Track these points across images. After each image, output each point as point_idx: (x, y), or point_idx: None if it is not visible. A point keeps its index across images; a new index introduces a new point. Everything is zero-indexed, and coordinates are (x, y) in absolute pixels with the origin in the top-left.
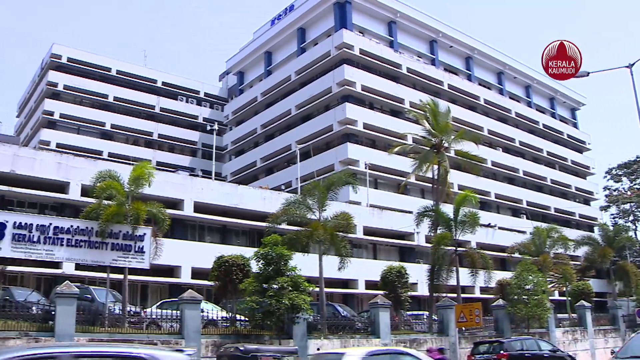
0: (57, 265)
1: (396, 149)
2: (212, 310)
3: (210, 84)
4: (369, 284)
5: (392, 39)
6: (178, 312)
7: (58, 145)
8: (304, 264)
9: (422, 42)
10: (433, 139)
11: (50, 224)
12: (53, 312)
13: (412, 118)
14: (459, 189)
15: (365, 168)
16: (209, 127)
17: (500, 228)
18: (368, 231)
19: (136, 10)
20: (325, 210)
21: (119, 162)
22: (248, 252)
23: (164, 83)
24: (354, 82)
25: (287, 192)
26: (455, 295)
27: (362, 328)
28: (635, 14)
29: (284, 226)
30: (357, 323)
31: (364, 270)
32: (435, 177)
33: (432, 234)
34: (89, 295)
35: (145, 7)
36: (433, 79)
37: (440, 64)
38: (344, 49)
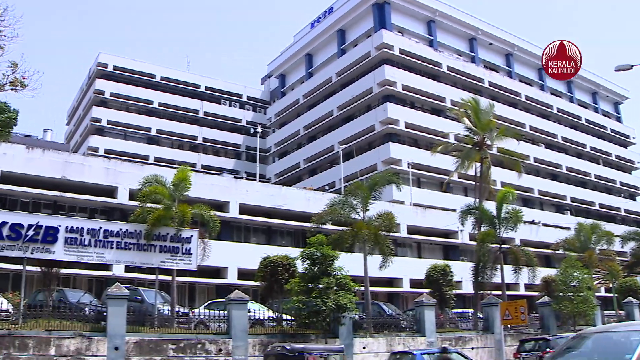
0: (107, 267)
1: (439, 148)
2: (259, 310)
3: (253, 87)
4: (414, 283)
5: (432, 37)
6: (225, 312)
7: (106, 151)
8: (348, 263)
9: (462, 40)
10: (475, 137)
11: (101, 227)
12: (105, 313)
13: (454, 116)
14: (501, 186)
15: (408, 167)
16: (252, 130)
17: (544, 224)
18: (412, 230)
19: (178, 17)
20: (369, 210)
21: (165, 166)
22: (293, 252)
23: (207, 88)
24: (394, 81)
25: (331, 192)
26: (500, 292)
27: (407, 326)
28: None
29: (328, 226)
30: (403, 321)
31: (409, 269)
32: (478, 175)
33: (475, 232)
34: (138, 297)
35: (187, 14)
36: (473, 76)
37: (480, 62)
38: (384, 49)
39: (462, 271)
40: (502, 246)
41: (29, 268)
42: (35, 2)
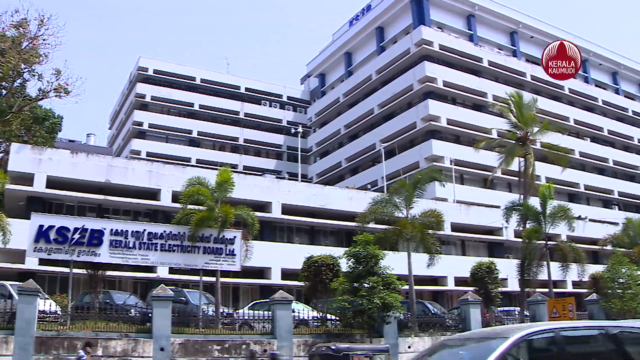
0: (151, 269)
1: (482, 144)
2: (303, 310)
3: (293, 87)
4: (459, 281)
5: (472, 32)
6: (269, 312)
7: (148, 154)
8: (392, 261)
9: (502, 34)
10: (518, 132)
11: (145, 230)
12: (150, 315)
13: (496, 111)
14: (546, 182)
15: (451, 164)
16: (293, 130)
17: (590, 220)
18: (456, 227)
19: (216, 19)
20: (412, 208)
21: (207, 168)
22: (337, 252)
23: (247, 89)
24: (435, 78)
25: (374, 191)
26: (546, 290)
27: (452, 325)
28: None
29: (371, 225)
30: (448, 320)
31: (453, 267)
32: (522, 170)
33: (521, 229)
34: (183, 298)
35: (224, 16)
36: (515, 70)
37: (521, 55)
38: (424, 46)
39: (507, 269)
40: (548, 242)
41: (75, 271)
42: (74, 7)
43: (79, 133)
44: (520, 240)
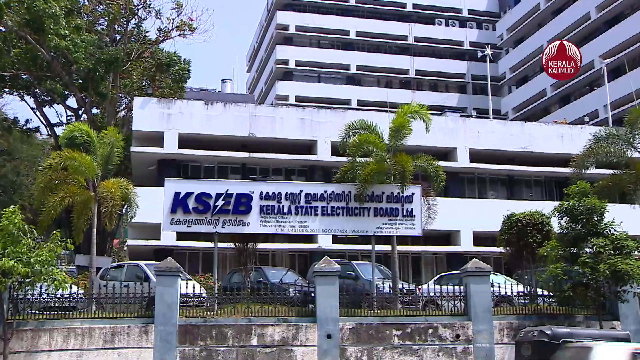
0: (311, 238)
1: None
2: (505, 284)
3: None
4: None
5: None
6: (461, 287)
7: (297, 98)
8: (623, 218)
9: None
10: None
11: (301, 191)
12: (312, 294)
13: None
14: None
15: None
16: (479, 54)
17: None
18: None
19: None
20: None
21: (372, 110)
22: (546, 207)
23: (415, 5)
24: None
25: (593, 125)
26: None
27: None
28: None
29: (592, 170)
30: None
31: None
32: None
33: None
34: (352, 272)
35: None
36: None
37: None
38: None
39: None
40: None
41: (220, 245)
42: None
43: (212, 80)
44: None
